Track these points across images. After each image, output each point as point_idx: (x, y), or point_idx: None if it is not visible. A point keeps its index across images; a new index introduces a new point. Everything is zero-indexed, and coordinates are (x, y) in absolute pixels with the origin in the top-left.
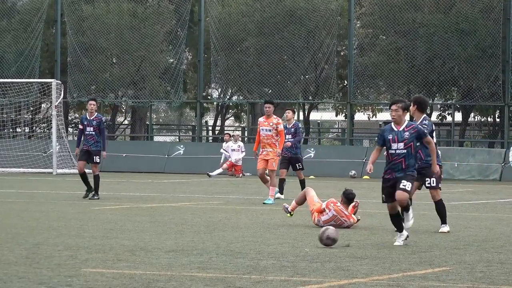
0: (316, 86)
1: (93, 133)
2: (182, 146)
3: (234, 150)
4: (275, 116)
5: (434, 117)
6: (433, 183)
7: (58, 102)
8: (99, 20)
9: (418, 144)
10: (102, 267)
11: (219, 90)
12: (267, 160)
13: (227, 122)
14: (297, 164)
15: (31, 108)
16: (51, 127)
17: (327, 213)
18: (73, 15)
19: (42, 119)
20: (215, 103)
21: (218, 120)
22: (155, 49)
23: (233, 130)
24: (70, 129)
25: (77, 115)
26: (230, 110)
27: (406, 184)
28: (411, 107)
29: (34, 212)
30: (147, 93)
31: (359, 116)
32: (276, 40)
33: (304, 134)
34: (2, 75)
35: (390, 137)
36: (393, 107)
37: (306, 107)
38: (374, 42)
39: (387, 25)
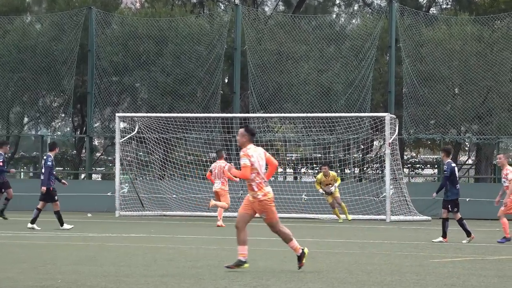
0: None
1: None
2: None
3: None
4: None
5: None
6: None
7: (392, 139)
8: (440, 45)
9: None
10: None
11: None
12: None
13: None
14: None
15: (362, 146)
16: (384, 168)
17: None
18: (410, 40)
19: (374, 158)
20: None
21: None
22: (503, 78)
23: None
24: (406, 170)
25: (414, 154)
26: None
27: None
28: None
29: (365, 265)
30: (494, 128)
31: None
32: None
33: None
34: (330, 108)
35: None
36: None
37: None
38: None
39: None
